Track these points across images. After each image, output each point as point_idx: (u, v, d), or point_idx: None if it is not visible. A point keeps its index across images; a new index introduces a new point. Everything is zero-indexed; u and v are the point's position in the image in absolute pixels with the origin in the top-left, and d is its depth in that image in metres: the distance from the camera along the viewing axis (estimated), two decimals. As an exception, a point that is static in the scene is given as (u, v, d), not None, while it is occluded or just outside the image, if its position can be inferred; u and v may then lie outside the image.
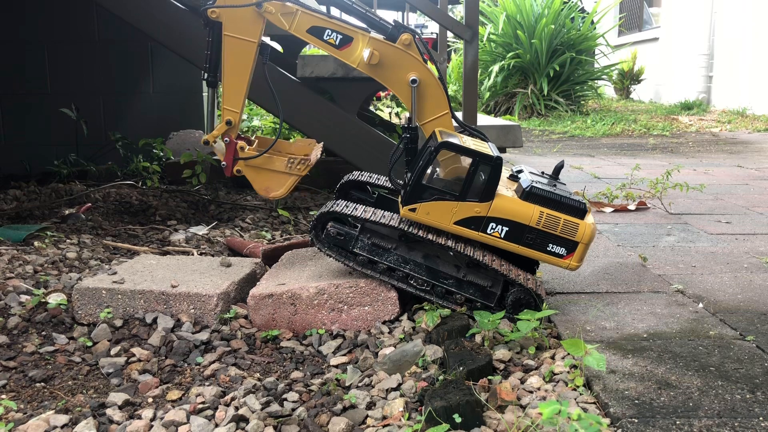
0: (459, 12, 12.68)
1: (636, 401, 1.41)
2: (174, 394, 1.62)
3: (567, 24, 9.41)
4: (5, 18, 4.58)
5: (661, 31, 11.58)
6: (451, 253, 1.89)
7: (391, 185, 2.06)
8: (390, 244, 1.93)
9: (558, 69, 9.09)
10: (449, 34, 5.05)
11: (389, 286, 1.93)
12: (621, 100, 11.64)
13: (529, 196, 1.85)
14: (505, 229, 1.83)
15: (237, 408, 1.50)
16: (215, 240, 2.95)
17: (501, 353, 1.67)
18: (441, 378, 1.56)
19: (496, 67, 9.34)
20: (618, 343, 1.73)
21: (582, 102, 9.59)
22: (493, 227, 1.83)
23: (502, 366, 1.64)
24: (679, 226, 3.06)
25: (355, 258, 1.94)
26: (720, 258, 2.52)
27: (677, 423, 1.32)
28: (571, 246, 1.85)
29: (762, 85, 8.61)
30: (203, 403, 1.53)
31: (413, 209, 1.83)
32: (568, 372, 1.55)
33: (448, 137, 1.82)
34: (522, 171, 2.01)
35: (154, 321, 1.95)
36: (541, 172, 2.07)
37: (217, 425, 1.45)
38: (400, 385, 1.59)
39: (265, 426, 1.43)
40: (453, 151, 1.81)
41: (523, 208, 1.83)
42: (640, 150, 6.57)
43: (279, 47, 4.26)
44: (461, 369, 1.53)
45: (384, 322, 1.93)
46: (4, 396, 1.62)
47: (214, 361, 1.79)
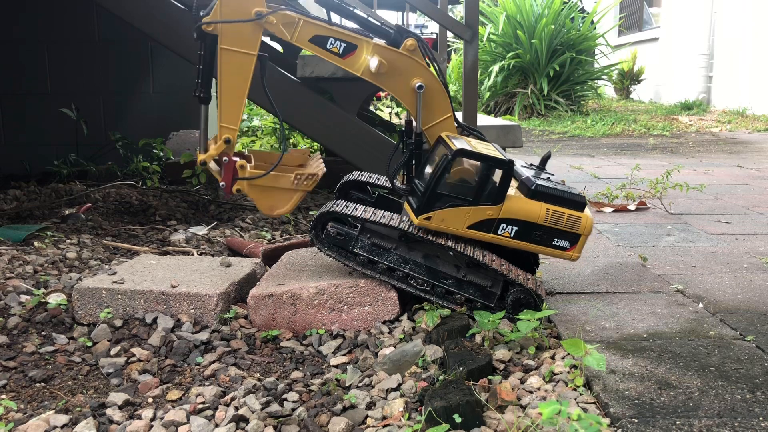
0: (459, 12, 12.68)
1: (636, 401, 1.41)
2: (174, 394, 1.62)
3: (567, 24, 9.42)
4: (5, 18, 4.58)
5: (661, 31, 11.58)
6: (451, 253, 1.89)
7: (390, 186, 2.05)
8: (390, 244, 1.93)
9: (558, 69, 9.09)
10: (449, 34, 5.06)
11: (389, 286, 1.93)
12: (621, 100, 11.64)
13: (536, 194, 1.88)
14: (515, 228, 1.86)
15: (237, 408, 1.50)
16: (215, 240, 2.95)
17: (501, 353, 1.67)
18: (441, 378, 1.56)
19: (496, 67, 9.34)
20: (618, 343, 1.73)
21: (582, 102, 9.59)
22: (504, 228, 1.86)
23: (502, 366, 1.64)
24: (679, 226, 3.06)
25: (355, 258, 1.93)
26: (720, 258, 2.52)
27: (677, 423, 1.32)
28: (573, 238, 1.90)
29: (762, 85, 8.61)
30: (203, 403, 1.53)
31: (428, 218, 1.83)
32: (568, 372, 1.55)
33: (460, 143, 1.82)
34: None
35: (154, 321, 1.95)
36: (530, 164, 2.08)
37: (217, 425, 1.45)
38: (400, 385, 1.59)
39: (265, 426, 1.43)
40: (468, 158, 1.81)
41: (532, 207, 1.87)
42: (640, 150, 6.57)
43: (279, 47, 4.26)
44: (461, 369, 1.53)
45: (384, 322, 1.93)
46: (4, 396, 1.62)
47: (214, 361, 1.79)
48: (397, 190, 1.98)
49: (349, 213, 1.91)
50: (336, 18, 1.96)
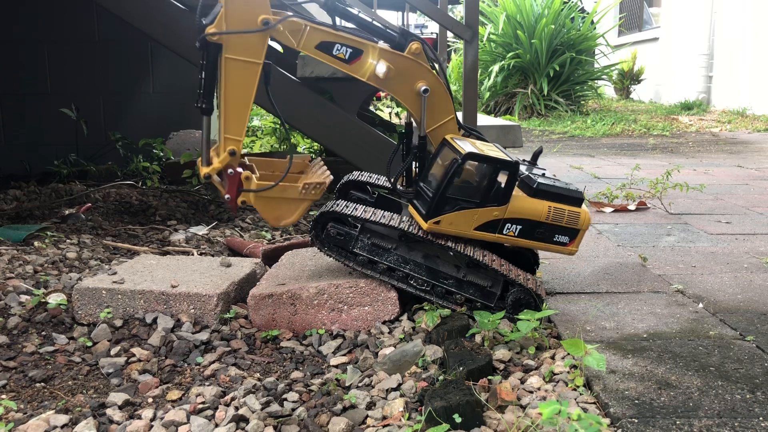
0: (459, 12, 12.69)
1: (636, 401, 1.41)
2: (174, 394, 1.62)
3: (567, 24, 9.42)
4: (5, 18, 4.58)
5: (661, 31, 11.58)
6: (450, 253, 1.89)
7: (390, 187, 2.05)
8: (390, 244, 1.93)
9: (558, 69, 9.09)
10: (449, 34, 5.06)
11: (389, 286, 1.93)
12: (621, 100, 11.64)
13: (538, 192, 1.90)
14: (519, 227, 1.89)
15: (237, 408, 1.50)
16: (215, 240, 2.95)
17: (501, 353, 1.67)
18: (441, 378, 1.56)
19: (496, 67, 9.35)
20: (618, 343, 1.73)
21: (582, 102, 9.59)
22: (509, 227, 1.88)
23: (502, 366, 1.64)
24: (679, 226, 3.06)
25: (355, 258, 1.93)
26: (720, 258, 2.52)
27: (677, 423, 1.32)
28: (573, 234, 1.94)
29: (762, 85, 8.61)
30: (203, 403, 1.53)
31: (437, 222, 1.83)
32: (568, 372, 1.55)
33: (467, 146, 1.83)
34: None
35: (154, 321, 1.95)
36: (522, 160, 2.09)
37: (217, 425, 1.45)
38: (400, 385, 1.59)
39: (265, 426, 1.43)
40: (477, 161, 1.81)
41: (536, 205, 1.89)
42: (640, 150, 6.57)
43: (279, 47, 4.26)
44: (461, 369, 1.53)
45: (384, 322, 1.93)
46: (4, 396, 1.62)
47: (214, 361, 1.79)
48: (401, 194, 1.98)
49: (349, 213, 1.91)
50: (337, 21, 1.92)
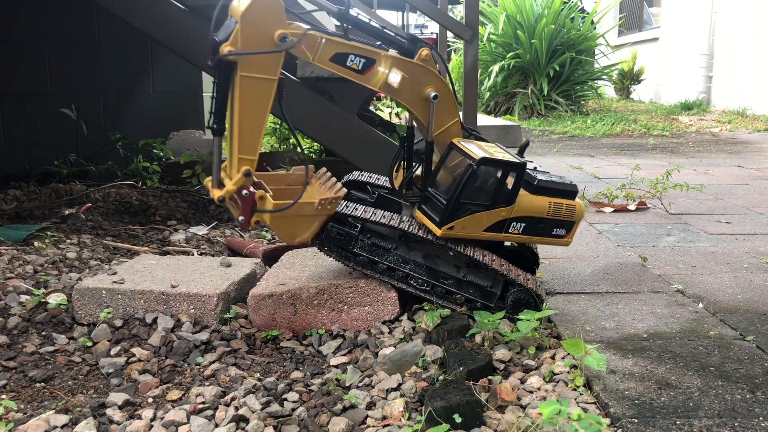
0: (459, 12, 12.68)
1: (636, 401, 1.41)
2: (174, 394, 1.62)
3: (567, 24, 9.42)
4: (5, 18, 4.58)
5: (661, 31, 11.58)
6: (450, 253, 1.89)
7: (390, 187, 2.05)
8: (390, 244, 1.93)
9: (558, 69, 9.09)
10: (449, 34, 5.06)
11: (389, 286, 1.93)
12: (621, 100, 11.64)
13: (538, 189, 1.93)
14: (523, 225, 1.92)
15: (237, 408, 1.50)
16: (215, 240, 2.95)
17: (501, 353, 1.67)
18: (441, 378, 1.56)
19: (496, 67, 9.35)
20: (618, 343, 1.73)
21: (582, 102, 9.59)
22: (514, 225, 1.91)
23: (502, 366, 1.64)
24: (679, 226, 3.06)
25: (355, 258, 1.93)
26: (720, 258, 2.52)
27: (677, 423, 1.32)
28: (569, 226, 1.99)
29: (762, 85, 8.62)
30: (203, 403, 1.53)
31: (451, 227, 1.84)
32: (568, 372, 1.55)
33: (478, 150, 1.84)
34: None
35: (154, 321, 1.95)
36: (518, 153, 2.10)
37: (217, 425, 1.45)
38: (400, 385, 1.59)
39: (265, 426, 1.43)
40: (490, 166, 1.82)
41: (538, 202, 1.93)
42: (640, 150, 6.57)
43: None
44: (461, 369, 1.53)
45: (384, 322, 1.93)
46: (4, 396, 1.62)
47: (214, 361, 1.79)
48: (407, 199, 1.98)
49: (349, 213, 1.91)
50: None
